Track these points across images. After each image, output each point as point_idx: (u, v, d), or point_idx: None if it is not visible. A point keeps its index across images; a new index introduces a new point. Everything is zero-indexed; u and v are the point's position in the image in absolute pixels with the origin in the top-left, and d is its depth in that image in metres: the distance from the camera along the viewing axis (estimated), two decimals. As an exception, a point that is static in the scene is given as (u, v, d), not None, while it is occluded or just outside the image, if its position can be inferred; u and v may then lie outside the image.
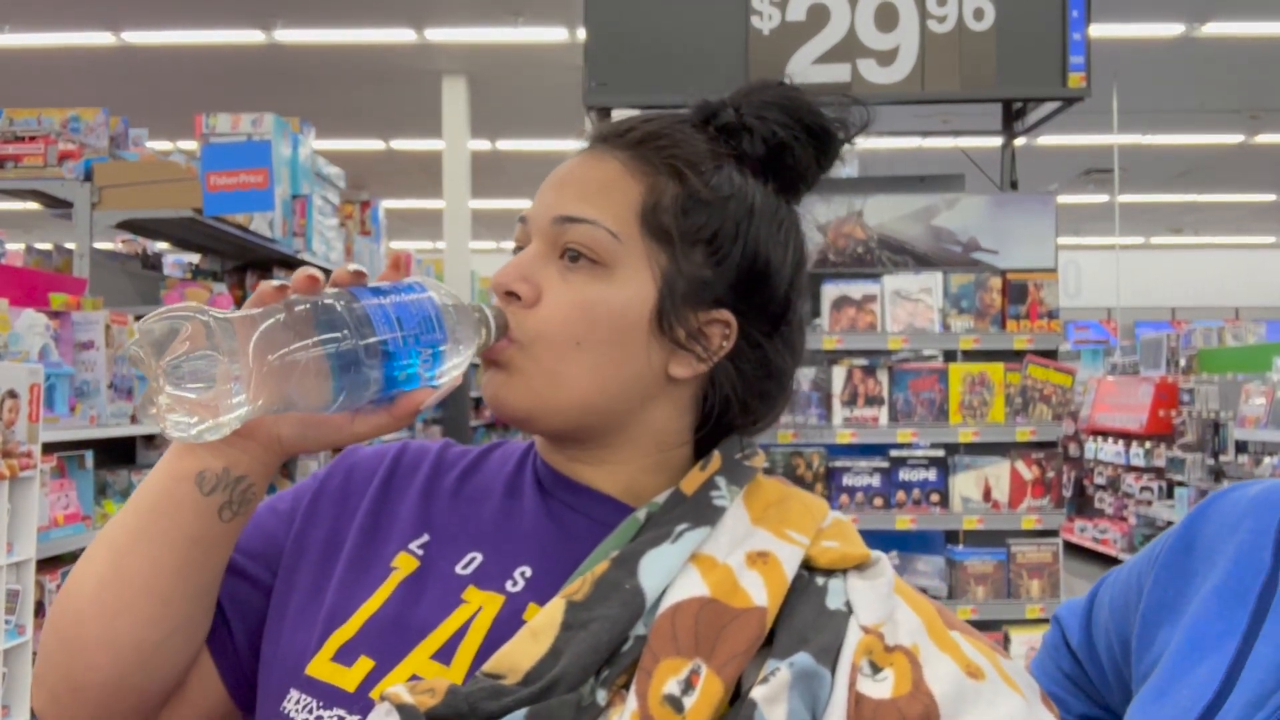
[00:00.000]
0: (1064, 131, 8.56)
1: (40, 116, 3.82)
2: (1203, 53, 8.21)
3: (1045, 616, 3.17)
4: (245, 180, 3.64)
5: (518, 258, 0.71)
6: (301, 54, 8.42)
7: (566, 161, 0.74)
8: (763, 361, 0.74)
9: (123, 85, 8.86)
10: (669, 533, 0.67)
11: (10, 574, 2.46)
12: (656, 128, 0.73)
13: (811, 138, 0.74)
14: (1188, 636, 0.70)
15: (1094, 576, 7.25)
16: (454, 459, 0.80)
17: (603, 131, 0.74)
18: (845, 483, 3.16)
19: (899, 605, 0.69)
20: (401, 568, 0.72)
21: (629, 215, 0.70)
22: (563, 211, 0.70)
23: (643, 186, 0.71)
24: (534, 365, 0.69)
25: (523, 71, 8.64)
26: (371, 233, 6.27)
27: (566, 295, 0.69)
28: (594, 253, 0.69)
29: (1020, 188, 3.53)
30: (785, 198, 0.76)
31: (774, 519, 0.70)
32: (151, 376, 0.58)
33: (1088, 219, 13.86)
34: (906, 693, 0.63)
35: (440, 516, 0.75)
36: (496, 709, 0.60)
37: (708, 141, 0.73)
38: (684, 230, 0.71)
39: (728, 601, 0.65)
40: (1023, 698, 0.66)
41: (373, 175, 11.73)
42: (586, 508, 0.73)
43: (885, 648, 0.66)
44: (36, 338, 2.85)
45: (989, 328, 3.21)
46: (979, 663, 0.67)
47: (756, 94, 0.75)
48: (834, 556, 0.70)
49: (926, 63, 3.17)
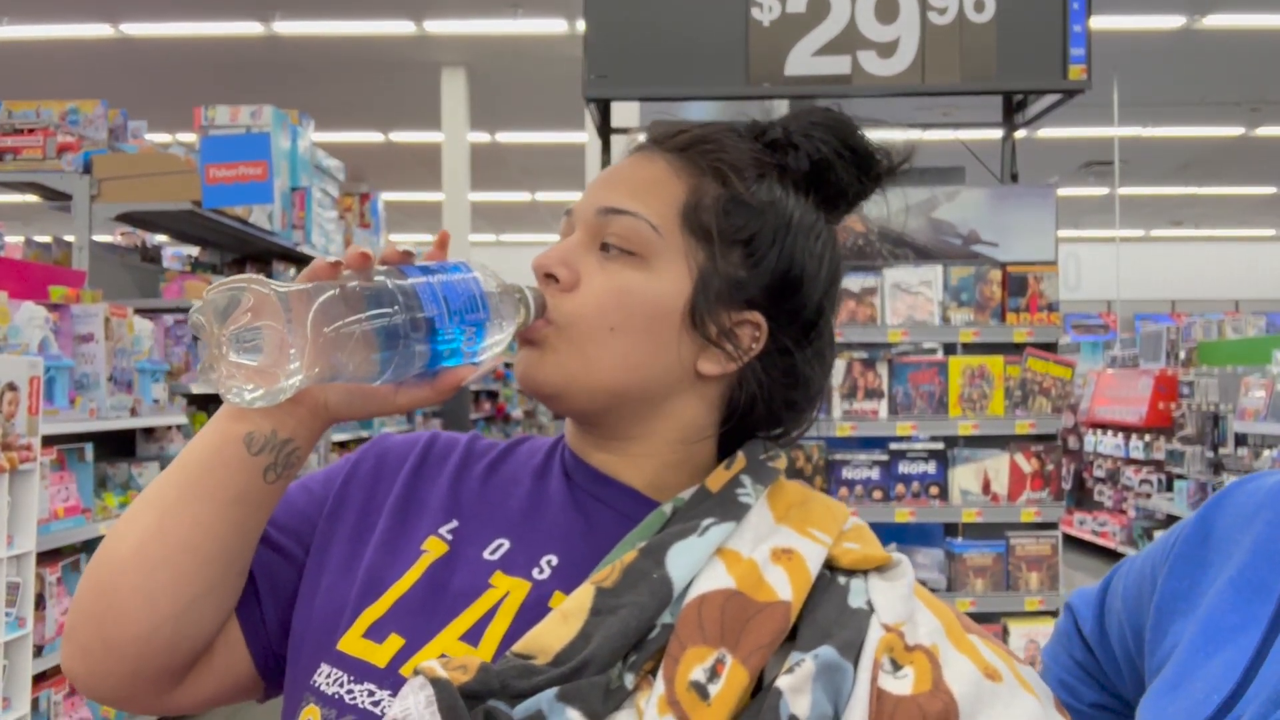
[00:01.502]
0: (1064, 124, 8.55)
1: (39, 109, 3.82)
2: (1203, 45, 8.19)
3: (1044, 609, 3.18)
4: (244, 173, 3.63)
5: (561, 245, 0.74)
6: (300, 46, 8.40)
7: (620, 162, 0.77)
8: (790, 369, 0.76)
9: (122, 77, 8.84)
10: (695, 526, 0.69)
11: (10, 566, 2.46)
12: (706, 133, 0.75)
13: (855, 157, 0.77)
14: (1202, 628, 0.70)
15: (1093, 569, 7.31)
16: (483, 450, 0.82)
17: (654, 134, 0.77)
18: (844, 476, 3.17)
19: (919, 607, 0.70)
20: (432, 550, 0.74)
21: (671, 211, 0.73)
22: (608, 203, 0.73)
23: (687, 186, 0.73)
24: (568, 345, 0.71)
25: (522, 63, 8.63)
26: (371, 225, 6.27)
27: (604, 282, 0.72)
28: (634, 244, 0.72)
29: (1020, 180, 3.52)
30: (825, 214, 0.78)
31: (797, 518, 0.72)
32: (213, 344, 0.60)
33: (1088, 212, 13.85)
34: (927, 690, 0.64)
35: (469, 503, 0.77)
36: (527, 687, 0.61)
37: (754, 152, 0.76)
38: (723, 230, 0.73)
39: (753, 595, 0.66)
40: (1038, 701, 0.68)
41: (372, 168, 11.71)
42: (612, 500, 0.75)
43: (906, 646, 0.67)
44: (36, 330, 2.85)
45: (989, 320, 3.21)
46: (996, 665, 0.68)
47: (805, 116, 0.78)
48: (856, 557, 0.72)
49: (927, 55, 3.17)
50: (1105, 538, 8.60)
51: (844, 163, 0.77)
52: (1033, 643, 3.16)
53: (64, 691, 2.94)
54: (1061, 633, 0.91)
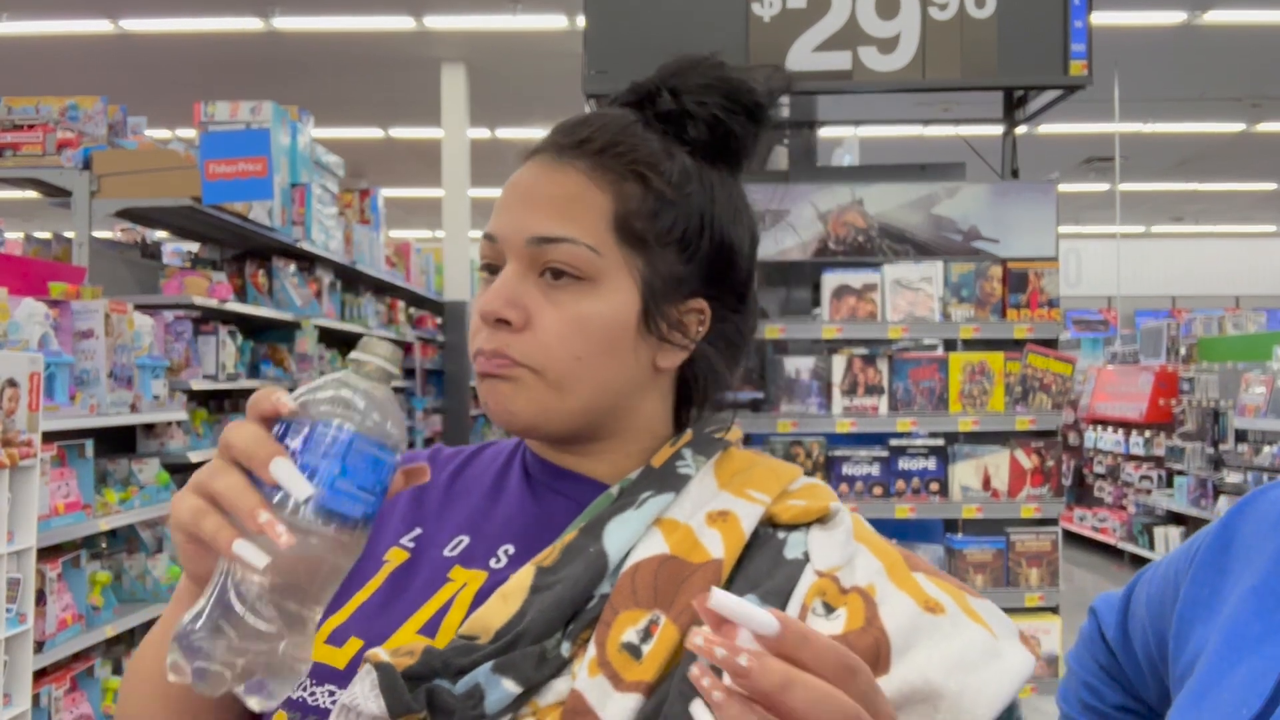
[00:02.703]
0: (1065, 120, 8.54)
1: (39, 105, 3.81)
2: (1204, 41, 8.18)
3: (1044, 605, 3.18)
4: (244, 168, 3.62)
5: (500, 283, 0.71)
6: (300, 41, 8.39)
7: (523, 172, 0.74)
8: (732, 332, 0.79)
9: (121, 73, 8.83)
10: (634, 501, 0.71)
11: (11, 562, 2.46)
12: (614, 136, 0.73)
13: (745, 110, 0.76)
14: (1225, 637, 0.70)
15: (1093, 565, 7.32)
16: (446, 459, 0.84)
17: (559, 141, 0.74)
18: (845, 472, 3.17)
19: (860, 551, 0.71)
20: (392, 560, 0.76)
21: (603, 226, 0.72)
22: (539, 232, 0.71)
23: (609, 195, 0.72)
24: (536, 380, 0.71)
25: (522, 59, 8.62)
26: (370, 221, 6.27)
27: (557, 315, 0.71)
28: (577, 270, 0.71)
29: (1021, 176, 3.52)
30: (731, 173, 0.79)
31: (738, 483, 0.74)
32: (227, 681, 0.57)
33: (1088, 207, 13.84)
34: (858, 628, 0.65)
35: (433, 511, 0.79)
36: (467, 664, 0.64)
37: (660, 138, 0.75)
38: (656, 234, 0.73)
39: (687, 558, 0.68)
40: (987, 631, 0.67)
41: (372, 164, 11.71)
42: (571, 491, 0.76)
43: (841, 590, 0.68)
44: (36, 326, 2.85)
45: (989, 317, 3.20)
46: (939, 599, 0.68)
47: (689, 75, 0.76)
48: (797, 512, 0.72)
49: (928, 50, 3.16)
50: (1105, 534, 8.60)
51: (739, 120, 0.76)
52: (1032, 638, 3.16)
53: (64, 687, 2.95)
54: (1086, 636, 0.91)
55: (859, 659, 0.51)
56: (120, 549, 3.47)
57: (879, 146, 7.66)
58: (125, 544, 3.51)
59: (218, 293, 4.01)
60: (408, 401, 7.54)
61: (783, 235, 3.22)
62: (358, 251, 5.77)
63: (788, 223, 3.23)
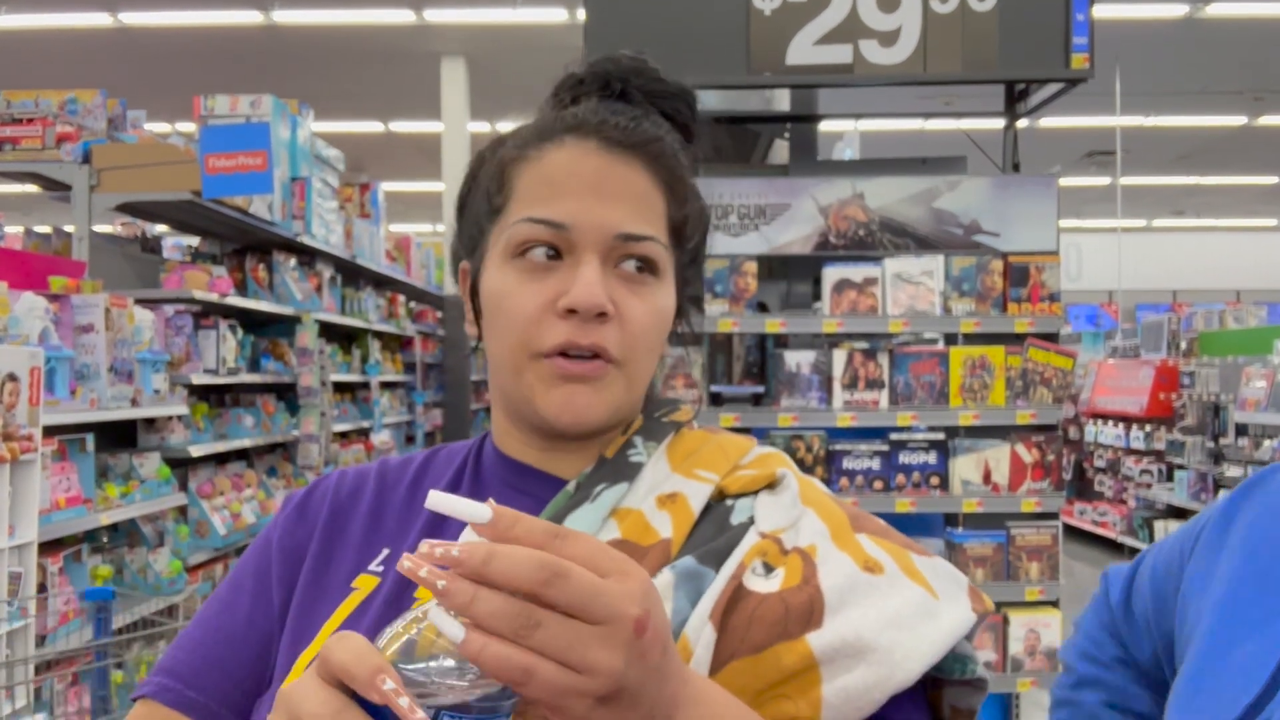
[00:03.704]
0: (1066, 113, 8.52)
1: (38, 98, 3.80)
2: (1206, 34, 8.16)
3: (1044, 599, 3.18)
4: (244, 162, 3.62)
5: (594, 276, 0.70)
6: (300, 35, 8.37)
7: (580, 159, 0.73)
8: (691, 298, 0.82)
9: (120, 67, 8.82)
10: (589, 494, 0.72)
11: (12, 556, 2.46)
12: (664, 142, 0.76)
13: (690, 108, 0.82)
14: (1221, 619, 0.70)
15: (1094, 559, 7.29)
16: (396, 472, 0.82)
17: (613, 137, 0.74)
18: (845, 466, 3.17)
19: (806, 514, 0.72)
20: (362, 588, 0.74)
21: (663, 226, 0.75)
22: (628, 229, 0.72)
23: (665, 200, 0.75)
24: (619, 376, 0.73)
25: (522, 53, 8.60)
26: (371, 215, 6.26)
27: (643, 308, 0.73)
28: (655, 265, 0.74)
29: (1022, 170, 3.51)
30: None
31: (689, 465, 0.75)
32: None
33: (1090, 201, 13.82)
34: (795, 585, 0.66)
35: (394, 529, 0.78)
36: None
37: (682, 145, 0.78)
38: (688, 235, 0.78)
39: (639, 541, 0.69)
40: (925, 590, 0.68)
41: (372, 158, 11.70)
42: (531, 488, 0.76)
43: (782, 550, 0.69)
44: (36, 321, 2.85)
45: (990, 310, 3.20)
46: (879, 559, 0.69)
47: (645, 79, 0.79)
48: (745, 481, 0.74)
49: (929, 44, 3.15)
50: (1105, 528, 8.60)
51: (690, 120, 0.81)
52: (1033, 632, 3.16)
53: (66, 681, 2.95)
54: (1094, 599, 0.96)
55: (572, 530, 0.52)
56: (121, 543, 3.48)
57: (880, 140, 7.64)
58: (126, 538, 3.51)
59: (218, 287, 4.01)
60: (408, 396, 7.54)
61: (783, 229, 3.22)
62: (358, 246, 5.76)
63: (788, 217, 3.22)
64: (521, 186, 0.73)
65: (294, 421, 4.93)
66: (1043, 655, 3.16)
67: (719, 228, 3.20)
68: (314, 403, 4.94)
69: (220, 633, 0.76)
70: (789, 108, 3.76)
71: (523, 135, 0.76)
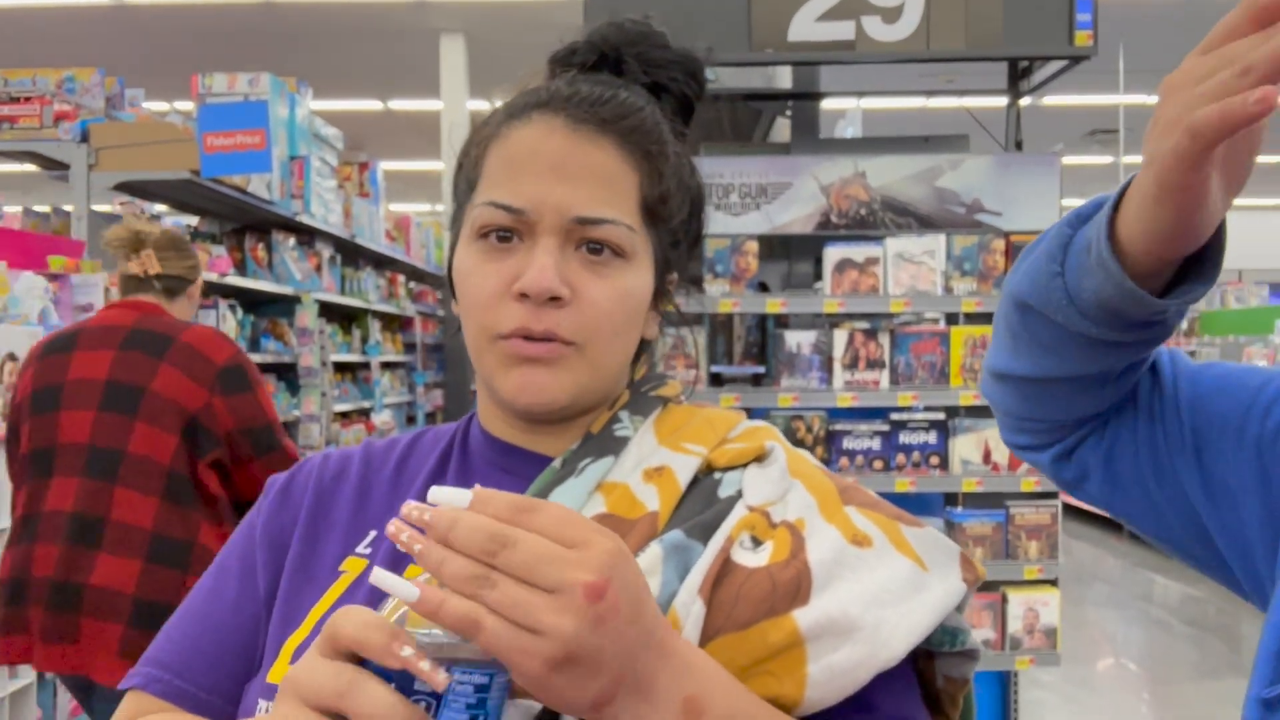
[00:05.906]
0: (1070, 91, 8.48)
1: (35, 77, 3.78)
2: (1211, 11, 8.07)
3: (1043, 578, 3.19)
4: (242, 141, 3.60)
5: (547, 260, 0.69)
6: (298, 12, 8.31)
7: (543, 138, 0.71)
8: (690, 280, 0.81)
9: (118, 45, 8.77)
10: (574, 469, 0.72)
11: (14, 536, 2.46)
12: (639, 115, 0.73)
13: (696, 81, 0.80)
14: None
15: (1093, 538, 7.29)
16: (382, 453, 0.82)
17: (580, 113, 0.71)
18: (845, 446, 3.17)
19: (794, 486, 0.72)
20: (350, 570, 0.74)
21: (633, 206, 0.73)
22: (584, 213, 0.70)
23: (638, 177, 0.73)
24: (579, 358, 0.71)
25: (522, 30, 8.54)
26: (370, 195, 6.24)
27: (603, 290, 0.71)
28: (619, 248, 0.71)
29: (1025, 148, 3.49)
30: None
31: (676, 438, 0.75)
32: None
33: (1092, 180, 13.77)
34: (782, 560, 0.66)
35: (379, 513, 0.77)
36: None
37: (664, 119, 0.76)
38: (668, 214, 0.75)
39: (625, 515, 0.69)
40: (914, 563, 0.67)
41: (371, 136, 11.64)
42: (521, 468, 0.76)
43: (770, 524, 0.69)
44: (36, 300, 2.84)
45: (992, 290, 3.19)
46: (869, 532, 0.68)
47: (647, 47, 0.78)
48: (733, 454, 0.73)
49: (932, 20, 3.13)
50: (1105, 507, 8.62)
51: (694, 91, 0.80)
52: (1031, 610, 3.18)
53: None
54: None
55: (542, 502, 0.54)
56: (123, 522, 3.48)
57: (882, 118, 7.62)
58: (128, 517, 3.51)
59: (217, 266, 4.00)
60: (409, 376, 7.55)
61: (785, 208, 3.20)
62: (357, 225, 5.74)
63: (790, 195, 3.21)
64: (489, 166, 0.73)
65: (295, 401, 4.94)
66: (1041, 633, 3.18)
67: (720, 207, 3.18)
68: (314, 383, 4.94)
69: (207, 621, 0.76)
70: (790, 85, 3.73)
71: (500, 112, 0.75)
